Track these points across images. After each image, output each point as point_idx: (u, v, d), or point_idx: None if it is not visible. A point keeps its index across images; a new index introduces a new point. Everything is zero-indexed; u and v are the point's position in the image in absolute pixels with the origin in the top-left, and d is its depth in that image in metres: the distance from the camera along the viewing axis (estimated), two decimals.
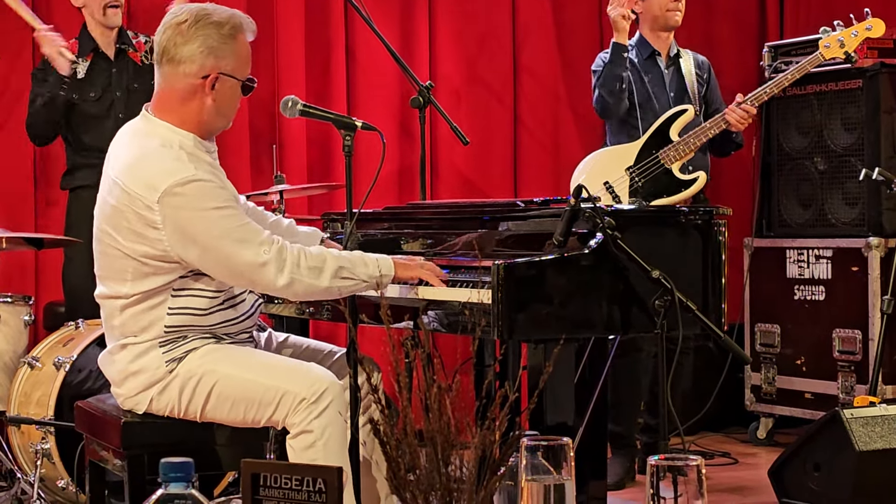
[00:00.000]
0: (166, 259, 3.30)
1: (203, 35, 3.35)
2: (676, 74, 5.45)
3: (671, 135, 5.22)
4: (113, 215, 3.34)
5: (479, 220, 3.82)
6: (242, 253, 3.27)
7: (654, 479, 1.96)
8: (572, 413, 3.44)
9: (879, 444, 4.41)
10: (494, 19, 6.52)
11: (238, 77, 3.42)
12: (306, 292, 3.37)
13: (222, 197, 3.31)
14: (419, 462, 2.05)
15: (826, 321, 5.82)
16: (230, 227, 3.28)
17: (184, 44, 3.35)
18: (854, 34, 5.32)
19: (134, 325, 3.39)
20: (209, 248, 3.27)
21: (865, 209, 5.78)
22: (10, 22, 5.52)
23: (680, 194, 5.19)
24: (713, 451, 5.92)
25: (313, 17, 6.11)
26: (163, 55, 3.39)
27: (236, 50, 3.40)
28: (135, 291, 3.36)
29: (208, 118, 3.41)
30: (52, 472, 4.60)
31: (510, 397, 2.06)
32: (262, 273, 3.28)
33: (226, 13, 3.41)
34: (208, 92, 3.38)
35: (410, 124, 6.14)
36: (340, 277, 3.34)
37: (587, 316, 3.44)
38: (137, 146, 3.38)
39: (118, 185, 3.32)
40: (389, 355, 2.14)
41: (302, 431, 3.30)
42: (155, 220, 3.26)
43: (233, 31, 3.39)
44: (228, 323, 3.46)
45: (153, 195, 3.24)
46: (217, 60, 3.37)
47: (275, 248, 3.29)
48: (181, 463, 1.85)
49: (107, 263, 3.42)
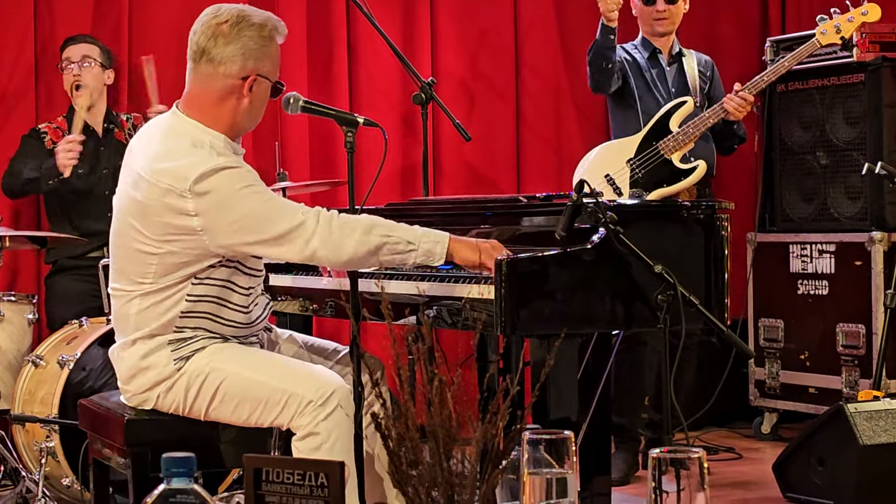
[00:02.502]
0: (197, 250, 3.31)
1: (246, 37, 3.37)
2: (679, 72, 5.47)
3: (671, 126, 5.24)
4: (140, 210, 3.34)
5: (481, 215, 3.82)
6: (279, 218, 3.29)
7: (657, 473, 1.96)
8: (576, 408, 3.44)
9: (883, 438, 4.41)
10: (496, 15, 6.51)
11: (272, 80, 3.45)
12: (345, 249, 3.31)
13: (252, 177, 3.34)
14: (421, 457, 2.05)
15: (829, 316, 5.82)
16: (263, 199, 3.30)
17: (225, 45, 3.37)
18: (850, 19, 5.32)
19: (149, 316, 3.39)
20: (246, 222, 3.28)
21: (868, 203, 5.78)
22: (11, 23, 5.53)
23: (680, 183, 5.19)
24: (717, 445, 5.92)
25: (315, 13, 6.11)
26: (202, 55, 3.39)
27: (273, 52, 3.44)
28: (156, 284, 3.37)
29: (241, 119, 3.43)
30: (56, 470, 4.61)
31: (512, 390, 2.06)
32: (301, 231, 3.29)
33: (263, 15, 3.44)
34: (246, 93, 3.40)
35: (413, 120, 6.13)
36: (377, 234, 3.32)
37: (590, 311, 3.44)
38: (167, 143, 3.39)
39: (145, 180, 3.33)
40: (391, 351, 2.15)
41: (309, 433, 3.31)
42: (187, 208, 3.27)
43: (272, 33, 3.42)
44: (242, 326, 3.47)
45: (184, 184, 3.26)
46: (256, 62, 3.40)
47: (311, 210, 3.33)
48: (183, 458, 1.85)
49: (128, 257, 3.41)
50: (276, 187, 5.17)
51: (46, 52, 5.62)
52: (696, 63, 5.52)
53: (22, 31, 5.57)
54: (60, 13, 5.65)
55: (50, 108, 5.60)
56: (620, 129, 5.43)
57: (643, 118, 5.33)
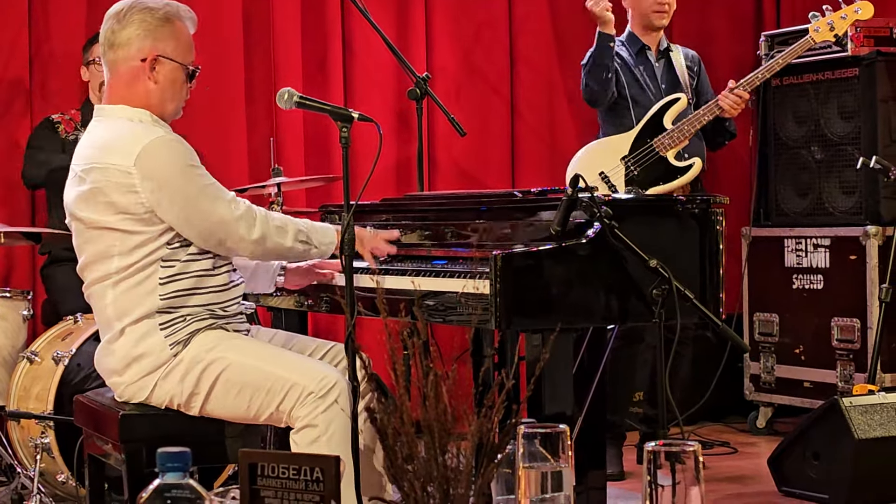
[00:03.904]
0: (149, 222, 3.36)
1: (138, 19, 3.47)
2: (667, 67, 5.45)
3: (665, 123, 5.23)
4: (88, 198, 3.40)
5: (476, 210, 3.82)
6: (217, 209, 3.39)
7: (652, 467, 1.96)
8: (571, 403, 3.44)
9: (878, 431, 4.42)
10: (491, 10, 6.51)
11: (179, 61, 3.50)
12: (274, 250, 3.51)
13: (193, 156, 3.44)
14: (416, 451, 2.05)
15: (824, 310, 5.82)
16: (204, 184, 3.41)
17: (121, 29, 3.47)
18: (843, 17, 5.32)
19: (127, 301, 3.41)
20: (187, 205, 3.37)
21: (863, 198, 5.78)
22: (7, 17, 5.53)
23: (676, 181, 5.19)
24: (713, 440, 5.93)
25: (310, 9, 6.11)
26: (105, 45, 3.50)
27: (174, 34, 3.50)
28: (123, 264, 3.39)
29: (156, 102, 3.49)
30: (51, 467, 4.60)
31: (507, 385, 2.07)
32: (236, 228, 3.40)
33: (161, 1, 3.52)
34: (150, 75, 3.46)
35: (408, 116, 6.13)
36: (300, 241, 3.52)
37: (585, 305, 3.44)
38: (101, 129, 3.47)
39: (93, 168, 3.39)
40: (386, 345, 2.15)
41: (307, 425, 3.31)
42: (133, 184, 3.34)
43: (168, 15, 3.50)
44: (223, 304, 3.49)
45: (129, 160, 3.34)
46: (154, 42, 3.47)
47: (244, 205, 3.45)
48: (178, 452, 1.85)
49: (90, 247, 3.46)
50: (271, 183, 5.17)
51: (41, 47, 5.62)
52: (684, 58, 5.50)
53: (17, 26, 5.56)
54: (54, 5, 5.65)
55: (45, 101, 5.60)
56: (611, 127, 5.40)
57: (636, 115, 5.31)
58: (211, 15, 5.60)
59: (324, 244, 3.58)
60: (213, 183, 3.44)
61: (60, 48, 5.65)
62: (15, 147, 5.56)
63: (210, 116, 5.72)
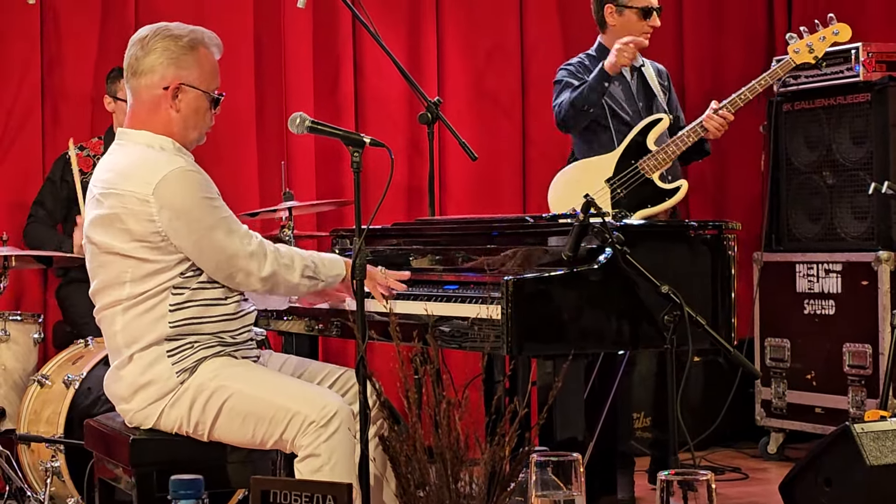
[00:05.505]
0: (164, 250, 3.36)
1: (161, 46, 3.45)
2: (642, 84, 5.38)
3: (648, 144, 5.16)
4: (104, 223, 3.40)
5: (487, 235, 3.82)
6: (232, 243, 3.39)
7: (665, 495, 1.95)
8: (582, 429, 3.43)
9: (890, 458, 4.40)
10: (502, 34, 6.52)
11: (202, 89, 3.49)
12: (284, 286, 3.52)
13: (212, 188, 3.43)
14: (429, 478, 2.05)
15: (836, 335, 5.81)
16: (221, 216, 3.41)
17: (145, 56, 3.46)
18: (822, 39, 5.26)
19: (136, 328, 3.41)
20: (202, 237, 3.36)
21: (875, 223, 5.77)
22: (19, 44, 5.55)
23: (664, 203, 5.13)
24: (723, 466, 5.91)
25: (321, 33, 6.12)
26: (128, 71, 3.49)
27: (198, 61, 3.49)
28: (135, 291, 3.39)
29: (178, 130, 3.48)
30: (61, 490, 4.60)
31: (520, 413, 2.06)
32: (248, 263, 3.41)
33: (186, 28, 3.52)
34: (172, 103, 3.46)
35: (419, 140, 6.14)
36: (307, 276, 3.53)
37: (597, 331, 3.44)
38: (122, 155, 3.47)
39: (111, 193, 3.39)
40: (398, 372, 2.14)
41: (310, 455, 3.31)
42: (151, 213, 3.33)
43: (192, 42, 3.48)
44: (233, 332, 3.48)
45: (147, 189, 3.33)
46: (178, 70, 3.46)
47: (256, 241, 3.45)
48: (191, 480, 1.85)
49: (103, 271, 3.46)
50: (282, 207, 5.17)
51: (53, 71, 5.64)
52: (655, 73, 5.45)
53: (28, 50, 5.58)
54: (66, 31, 5.67)
55: (56, 127, 5.62)
56: (585, 145, 5.30)
57: (616, 136, 5.25)
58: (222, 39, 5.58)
59: (331, 276, 3.60)
60: (229, 216, 3.44)
61: (72, 76, 5.67)
62: (25, 171, 5.58)
63: (221, 140, 5.73)
